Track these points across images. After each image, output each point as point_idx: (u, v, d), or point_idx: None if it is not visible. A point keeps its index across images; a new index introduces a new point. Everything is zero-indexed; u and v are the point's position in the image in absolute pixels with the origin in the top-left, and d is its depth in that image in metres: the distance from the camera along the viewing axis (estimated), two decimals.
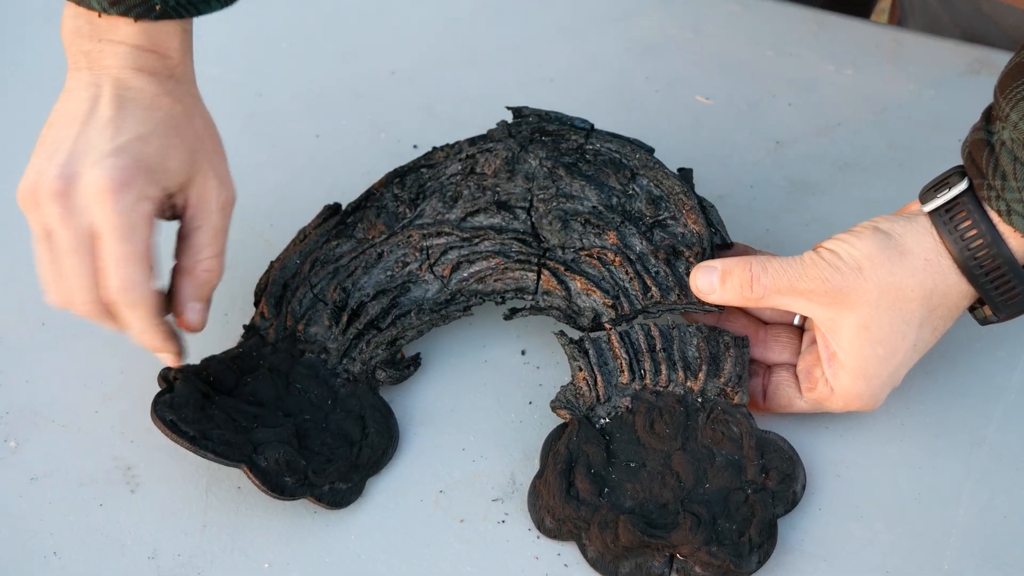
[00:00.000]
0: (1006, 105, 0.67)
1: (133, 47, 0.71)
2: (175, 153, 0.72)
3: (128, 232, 0.69)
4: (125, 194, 0.69)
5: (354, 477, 0.73)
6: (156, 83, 0.72)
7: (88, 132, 0.70)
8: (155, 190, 0.71)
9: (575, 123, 0.80)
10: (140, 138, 0.70)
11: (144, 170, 0.70)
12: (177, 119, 0.72)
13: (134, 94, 0.71)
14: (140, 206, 0.70)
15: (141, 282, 0.70)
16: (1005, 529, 0.71)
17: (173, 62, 0.73)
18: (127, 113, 0.71)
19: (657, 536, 0.68)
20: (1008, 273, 0.69)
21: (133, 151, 0.70)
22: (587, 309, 0.76)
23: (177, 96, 0.73)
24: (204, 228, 0.73)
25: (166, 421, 0.70)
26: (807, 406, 0.74)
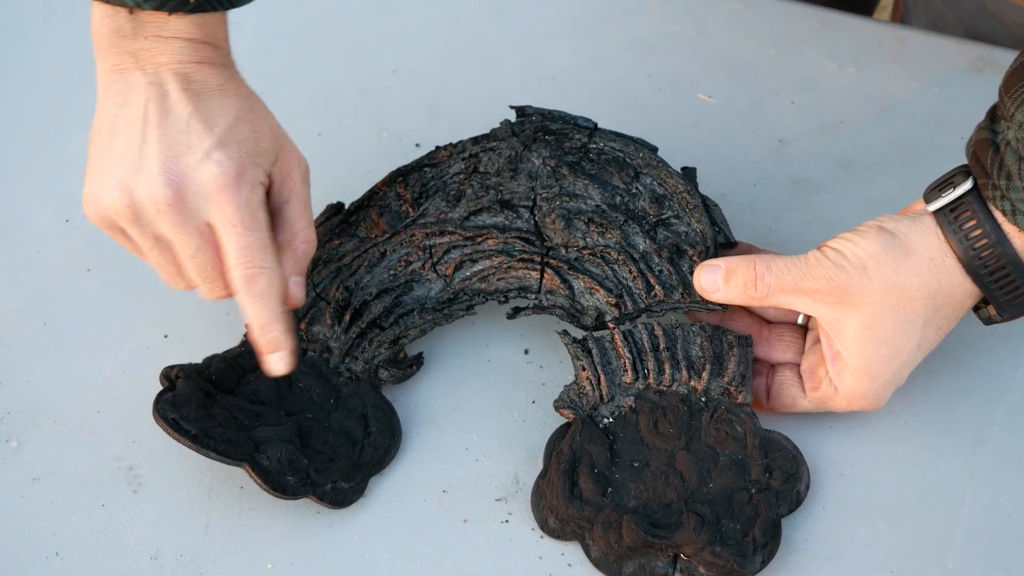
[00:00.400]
0: (1011, 104, 0.67)
1: (188, 41, 0.70)
2: (262, 133, 0.71)
3: (251, 221, 0.68)
4: (241, 185, 0.68)
5: (356, 476, 0.73)
6: (217, 72, 0.71)
7: (171, 132, 0.68)
8: (261, 174, 0.70)
9: (578, 122, 0.80)
10: (232, 126, 0.69)
11: (251, 156, 0.69)
12: (248, 101, 0.71)
13: (200, 86, 0.70)
14: (255, 193, 0.69)
15: (268, 267, 0.69)
16: (1009, 528, 0.71)
17: (224, 51, 0.72)
18: (206, 105, 0.69)
19: (661, 536, 0.68)
20: (1013, 273, 0.69)
21: (234, 140, 0.69)
22: (590, 308, 0.76)
23: (239, 82, 0.72)
24: (293, 200, 0.72)
25: (168, 420, 0.70)
26: (811, 405, 0.74)
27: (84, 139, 0.92)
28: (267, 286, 0.69)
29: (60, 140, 0.93)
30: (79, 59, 1.00)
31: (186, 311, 0.81)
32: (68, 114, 0.95)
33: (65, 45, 1.01)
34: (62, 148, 0.93)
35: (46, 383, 0.78)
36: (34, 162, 0.92)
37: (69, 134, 0.94)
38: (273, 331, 0.70)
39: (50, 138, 0.94)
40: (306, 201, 0.73)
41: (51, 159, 0.92)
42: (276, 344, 0.70)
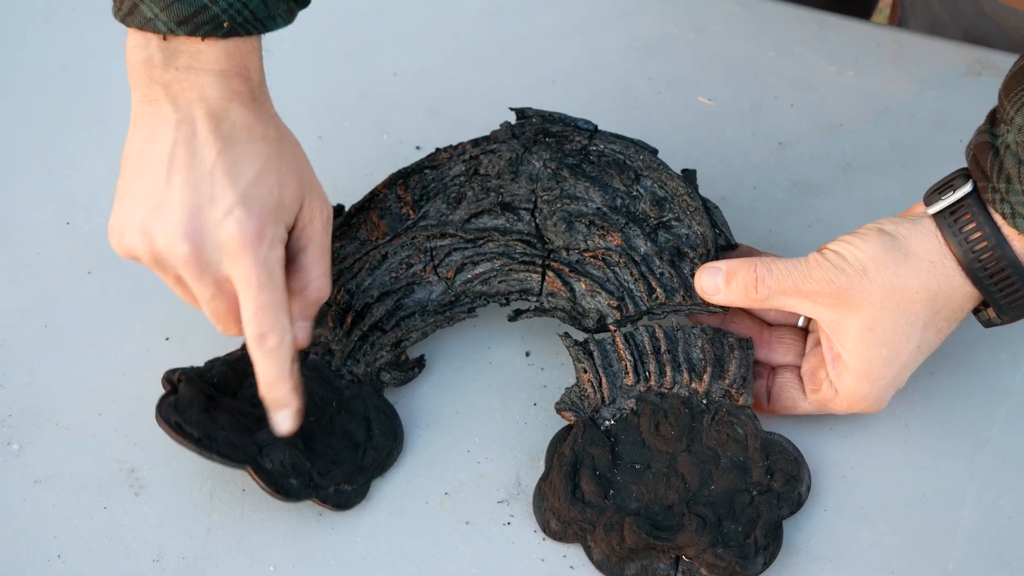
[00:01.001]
0: (1011, 108, 0.67)
1: (219, 73, 0.68)
2: (287, 184, 0.69)
3: (267, 281, 0.68)
4: (260, 245, 0.67)
5: (359, 479, 0.73)
6: (247, 110, 0.69)
7: (196, 180, 0.67)
8: (282, 231, 0.69)
9: (579, 124, 0.80)
10: (256, 180, 0.68)
11: (270, 214, 0.68)
12: (276, 146, 0.70)
13: (229, 128, 0.68)
14: (274, 252, 0.68)
15: (281, 328, 0.68)
16: (1010, 530, 0.71)
17: (255, 83, 0.70)
18: (233, 152, 0.68)
19: (663, 538, 0.68)
20: (1012, 276, 0.69)
21: (257, 197, 0.67)
22: (592, 311, 0.76)
23: (268, 121, 0.70)
24: (311, 248, 0.71)
25: (170, 423, 0.70)
26: (811, 408, 0.74)
27: (85, 140, 0.93)
28: (277, 345, 0.69)
29: (60, 141, 0.93)
30: (79, 60, 1.00)
31: (187, 314, 0.81)
32: (68, 115, 0.95)
33: (65, 46, 1.01)
34: (62, 149, 0.93)
35: (47, 385, 0.78)
36: (35, 164, 0.92)
37: (69, 135, 0.94)
38: (280, 390, 0.70)
39: (50, 139, 0.94)
40: (324, 249, 0.72)
41: (51, 160, 0.92)
42: (282, 403, 0.70)
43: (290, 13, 0.72)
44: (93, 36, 1.01)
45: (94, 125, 0.94)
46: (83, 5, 1.04)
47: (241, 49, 0.69)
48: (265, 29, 0.70)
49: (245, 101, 0.69)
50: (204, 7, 0.67)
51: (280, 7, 0.70)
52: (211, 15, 0.67)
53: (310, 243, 0.71)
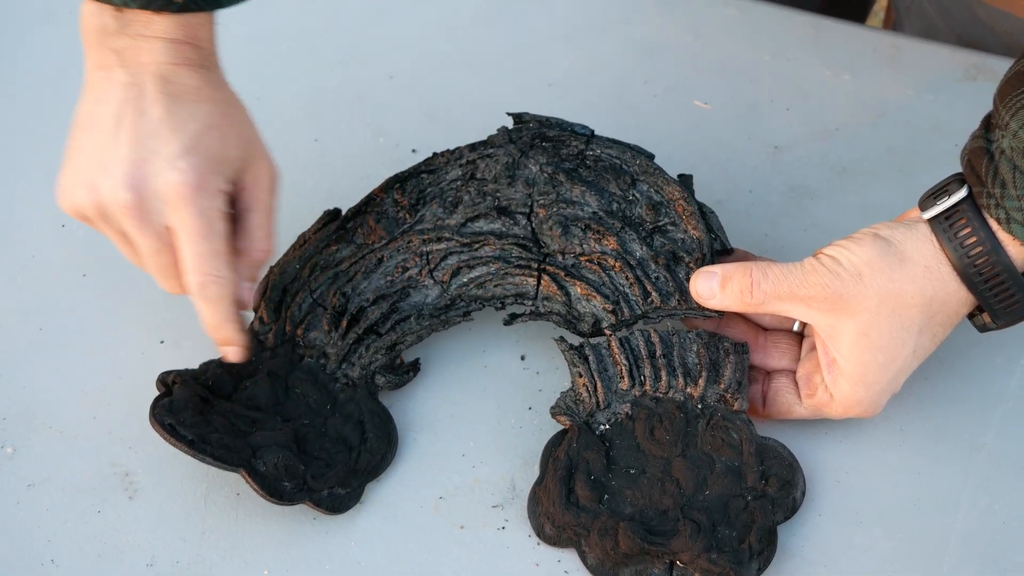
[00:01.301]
0: (1005, 114, 0.67)
1: (170, 40, 0.70)
2: (232, 142, 0.72)
3: (207, 231, 0.70)
4: (201, 194, 0.69)
5: (353, 482, 0.73)
6: (196, 75, 0.71)
7: (141, 135, 0.69)
8: (224, 183, 0.71)
9: (575, 129, 0.80)
10: (200, 133, 0.70)
11: (212, 165, 0.70)
12: (223, 108, 0.72)
13: (178, 88, 0.70)
14: (214, 202, 0.70)
15: (221, 276, 0.70)
16: (1004, 535, 0.71)
17: (206, 52, 0.72)
18: (179, 109, 0.70)
19: (657, 543, 0.68)
20: (1007, 281, 0.69)
21: (199, 148, 0.70)
22: (587, 314, 0.76)
23: (216, 84, 0.73)
24: (257, 209, 0.73)
25: (164, 425, 0.70)
26: (807, 412, 0.74)
27: None
28: (218, 293, 0.71)
29: (57, 145, 0.93)
30: (77, 64, 0.99)
31: (182, 317, 0.81)
32: (66, 119, 0.94)
33: (63, 50, 1.01)
34: (59, 153, 0.92)
35: (42, 388, 0.78)
36: (31, 167, 0.92)
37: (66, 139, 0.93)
38: (225, 331, 0.72)
39: (47, 143, 0.93)
40: (269, 211, 0.74)
41: (48, 164, 0.91)
42: (228, 340, 0.73)
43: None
44: None
45: None
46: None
47: (192, 21, 0.71)
48: (219, 5, 0.72)
49: (194, 66, 0.71)
50: None
51: None
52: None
53: (257, 204, 0.73)
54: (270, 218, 0.74)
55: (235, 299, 0.72)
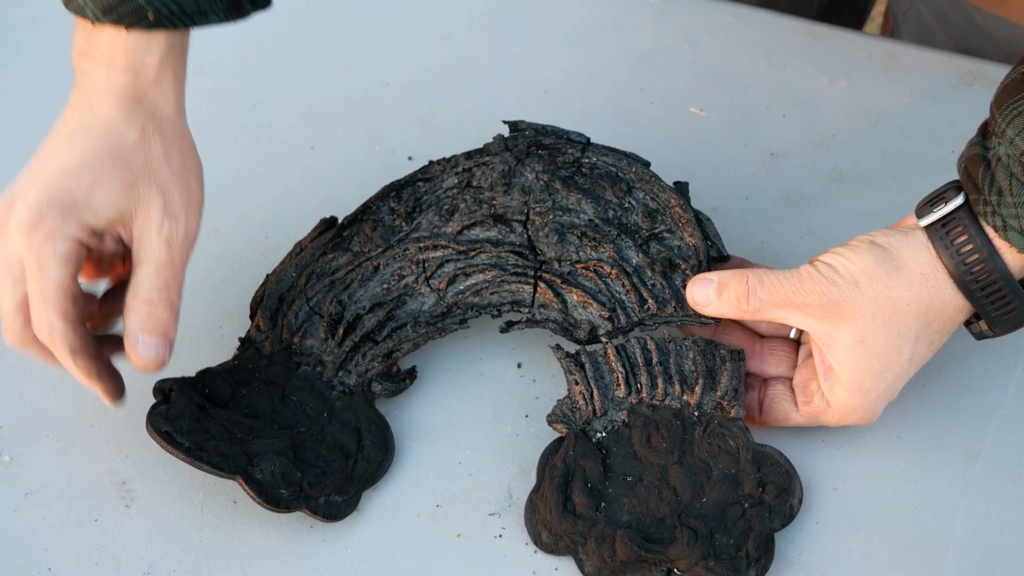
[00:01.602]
0: (1002, 121, 0.67)
1: (108, 66, 0.70)
2: (106, 187, 0.69)
3: (35, 271, 0.68)
4: (34, 232, 0.67)
5: (350, 490, 0.72)
6: (118, 107, 0.70)
7: (37, 161, 0.70)
8: (72, 227, 0.68)
9: (571, 137, 0.80)
10: (67, 172, 0.68)
11: (59, 207, 0.68)
12: (124, 148, 0.70)
13: (90, 119, 0.70)
14: (51, 244, 0.68)
15: (52, 321, 0.68)
16: (1002, 542, 0.71)
17: (146, 82, 0.71)
18: (73, 142, 0.69)
19: (654, 551, 0.68)
20: (1004, 288, 0.69)
21: (52, 186, 0.68)
22: (583, 322, 0.76)
23: (135, 121, 0.70)
24: (145, 262, 0.70)
25: (161, 432, 0.70)
26: (803, 420, 0.74)
27: None
28: (48, 338, 0.69)
29: None
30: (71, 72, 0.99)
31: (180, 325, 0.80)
32: None
33: (57, 58, 1.01)
34: None
35: (39, 397, 0.78)
36: None
37: None
38: (80, 377, 0.71)
39: None
40: (160, 265, 0.70)
41: None
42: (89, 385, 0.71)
43: (232, 11, 0.72)
44: None
45: None
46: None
47: (140, 46, 0.70)
48: (193, 23, 0.71)
49: (120, 96, 0.70)
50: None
51: (216, 4, 0.71)
52: (136, 6, 0.69)
53: (145, 257, 0.70)
54: (163, 272, 0.70)
55: (75, 347, 0.69)
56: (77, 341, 0.69)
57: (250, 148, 0.93)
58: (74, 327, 0.69)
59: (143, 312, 0.70)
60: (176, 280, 0.71)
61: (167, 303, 0.70)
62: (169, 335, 0.71)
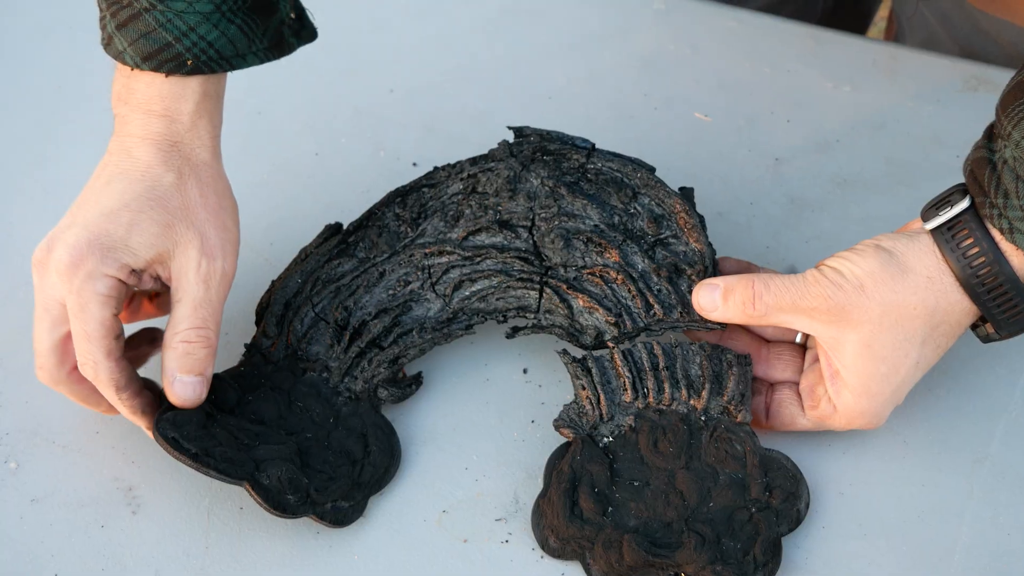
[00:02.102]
0: (1008, 123, 0.67)
1: (145, 113, 0.72)
2: (144, 228, 0.70)
3: (77, 311, 0.69)
4: (74, 273, 0.69)
5: (356, 495, 0.72)
6: (155, 152, 0.72)
7: (76, 206, 0.71)
8: (111, 268, 0.69)
9: (576, 143, 0.80)
10: (109, 213, 0.70)
11: (99, 248, 0.69)
12: (161, 191, 0.71)
13: (128, 164, 0.71)
14: (90, 284, 0.69)
15: (96, 359, 0.69)
16: (1009, 546, 0.71)
17: (182, 127, 0.72)
18: (111, 186, 0.71)
19: (662, 555, 0.68)
20: (1010, 291, 0.69)
21: (91, 228, 0.69)
22: (589, 327, 0.76)
23: (172, 165, 0.72)
24: (184, 301, 0.71)
25: (168, 438, 0.70)
26: (810, 424, 0.74)
27: (80, 160, 0.92)
28: (92, 375, 0.70)
29: (57, 161, 0.93)
30: (75, 81, 1.00)
31: None
32: (64, 135, 0.95)
33: (61, 67, 1.01)
34: (59, 169, 0.93)
35: (45, 404, 0.78)
36: (31, 182, 0.92)
37: (65, 155, 0.94)
38: (124, 413, 0.72)
39: (47, 159, 0.94)
40: (198, 303, 0.71)
41: (48, 179, 0.92)
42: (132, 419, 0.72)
43: (274, 50, 0.75)
44: (89, 56, 1.01)
45: (90, 143, 0.94)
46: (80, 24, 1.04)
47: (175, 93, 0.72)
48: (231, 67, 0.73)
49: (157, 142, 0.72)
50: (168, 45, 0.70)
51: (255, 46, 0.73)
52: (175, 53, 0.71)
53: (183, 296, 0.71)
54: (201, 310, 0.71)
55: (120, 383, 0.70)
56: (122, 377, 0.71)
57: (254, 155, 0.93)
58: (118, 363, 0.70)
59: (180, 351, 0.71)
60: (214, 318, 0.72)
61: (204, 341, 0.71)
62: (206, 373, 0.72)
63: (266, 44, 0.74)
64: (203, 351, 0.71)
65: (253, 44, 0.73)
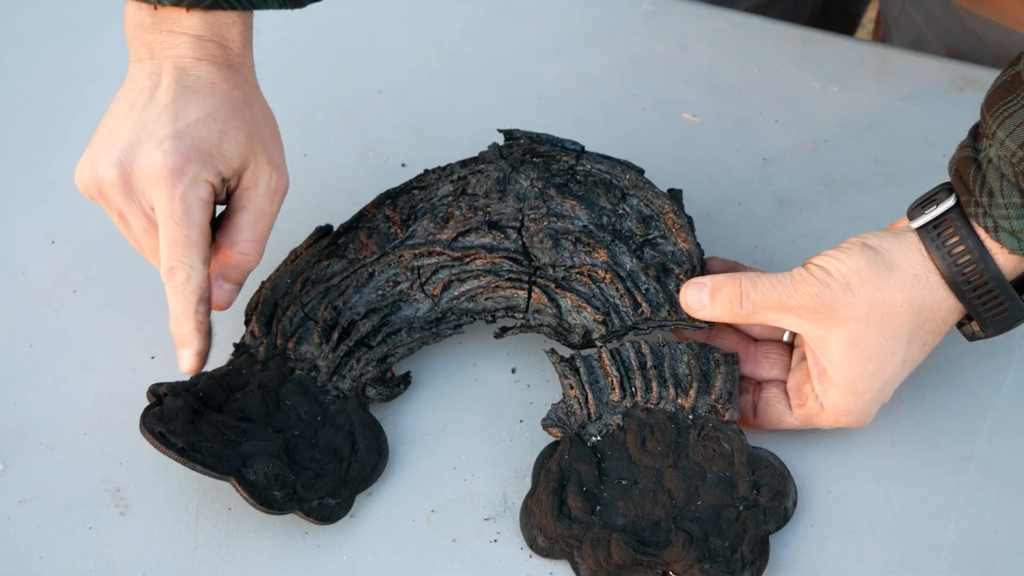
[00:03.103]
0: (992, 123, 0.68)
1: (195, 37, 0.72)
2: (232, 136, 0.72)
3: (182, 216, 0.70)
4: (180, 178, 0.70)
5: (343, 492, 0.72)
6: (215, 70, 0.72)
7: (145, 119, 0.71)
8: (211, 174, 0.71)
9: (565, 144, 0.80)
10: (197, 121, 0.71)
11: (200, 153, 0.70)
12: (235, 103, 0.72)
13: (193, 80, 0.72)
14: (195, 189, 0.70)
15: (189, 265, 0.70)
16: (995, 543, 0.71)
17: (233, 52, 0.73)
18: (186, 99, 0.71)
19: (650, 554, 0.68)
20: (995, 289, 0.69)
21: (190, 135, 0.70)
22: (577, 326, 0.76)
23: (236, 83, 0.73)
24: (247, 209, 0.73)
25: (155, 433, 0.70)
26: (797, 422, 0.74)
27: (69, 159, 0.92)
28: (184, 281, 0.71)
29: (45, 161, 0.93)
30: (64, 81, 1.00)
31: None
32: (53, 135, 0.95)
33: (50, 67, 1.01)
34: (47, 169, 0.93)
35: (32, 405, 0.78)
36: (19, 183, 0.92)
37: (54, 155, 0.94)
38: (184, 327, 0.72)
39: (35, 159, 0.94)
40: (261, 215, 0.74)
41: (36, 180, 0.92)
42: (183, 341, 0.72)
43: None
44: (78, 56, 1.01)
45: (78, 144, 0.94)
46: (68, 25, 1.04)
47: (221, 20, 0.72)
48: (251, 6, 0.73)
49: (215, 63, 0.73)
50: None
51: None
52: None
53: (248, 205, 0.73)
54: (261, 223, 0.74)
55: (204, 294, 0.71)
56: (206, 289, 0.72)
57: None
58: (207, 275, 0.71)
59: (235, 260, 0.73)
60: (268, 232, 0.74)
61: (258, 255, 0.74)
62: (242, 282, 0.74)
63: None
64: (252, 264, 0.74)
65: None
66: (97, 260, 0.86)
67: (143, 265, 0.81)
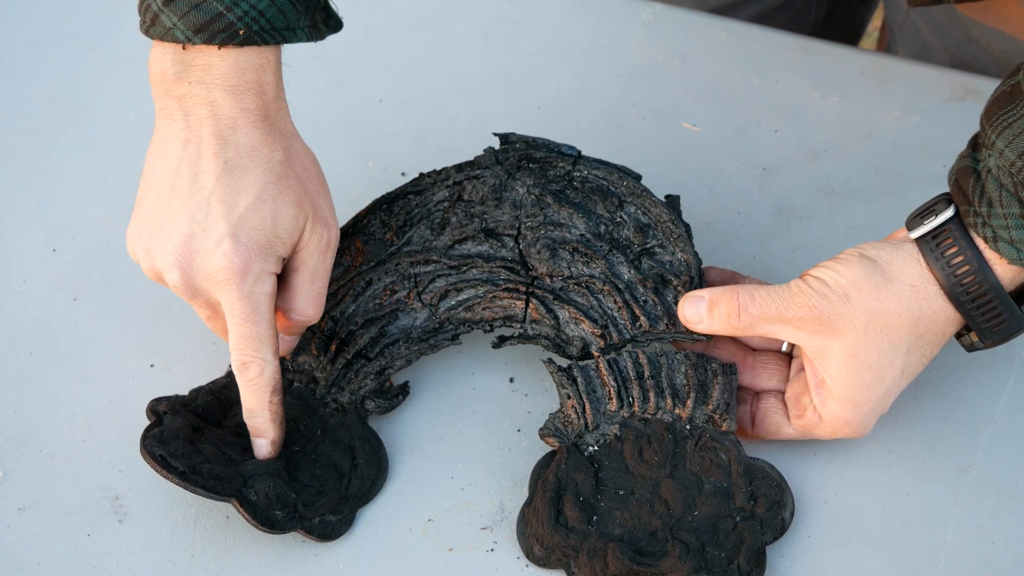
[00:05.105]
0: (992, 133, 0.68)
1: (230, 88, 0.69)
2: (284, 214, 0.70)
3: (250, 314, 0.69)
4: (244, 279, 0.68)
5: (344, 509, 0.72)
6: (255, 130, 0.69)
7: (193, 206, 0.68)
8: (272, 264, 0.70)
9: (562, 150, 0.80)
10: (249, 210, 0.69)
11: (258, 247, 0.69)
12: (279, 171, 0.70)
13: (233, 151, 0.69)
14: (260, 286, 0.69)
15: (261, 359, 0.70)
16: (993, 555, 0.71)
17: (268, 98, 0.70)
18: (232, 180, 0.69)
19: (646, 564, 0.68)
20: (994, 300, 0.69)
21: (246, 228, 0.68)
22: (575, 338, 0.76)
23: (275, 141, 0.70)
24: (301, 271, 0.72)
25: (156, 457, 0.70)
26: (795, 433, 0.74)
27: (71, 168, 0.93)
28: (258, 375, 0.70)
29: (47, 170, 0.94)
30: (67, 89, 1.00)
31: (172, 340, 0.81)
32: (55, 144, 0.96)
33: (53, 75, 1.01)
34: (49, 178, 0.93)
35: (32, 412, 0.78)
36: (21, 191, 0.92)
37: (56, 164, 0.94)
38: (258, 418, 0.72)
39: (37, 168, 0.94)
40: (315, 274, 0.72)
41: (38, 188, 0.92)
42: (259, 431, 0.72)
43: (314, 30, 0.73)
44: (81, 65, 1.02)
45: (80, 153, 0.95)
46: (71, 34, 1.04)
47: (255, 63, 0.69)
48: (283, 40, 0.70)
49: (255, 119, 0.70)
50: (220, 15, 0.68)
51: (301, 20, 0.71)
52: (227, 23, 0.68)
53: (301, 266, 0.72)
54: (317, 282, 0.73)
55: (277, 384, 0.71)
56: (279, 379, 0.71)
57: None
58: (278, 365, 0.71)
59: (296, 319, 0.73)
60: (325, 288, 0.73)
61: (318, 312, 0.74)
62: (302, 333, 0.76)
63: (307, 22, 0.72)
64: (313, 321, 0.74)
65: (300, 19, 0.71)
66: (98, 268, 0.86)
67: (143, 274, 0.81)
